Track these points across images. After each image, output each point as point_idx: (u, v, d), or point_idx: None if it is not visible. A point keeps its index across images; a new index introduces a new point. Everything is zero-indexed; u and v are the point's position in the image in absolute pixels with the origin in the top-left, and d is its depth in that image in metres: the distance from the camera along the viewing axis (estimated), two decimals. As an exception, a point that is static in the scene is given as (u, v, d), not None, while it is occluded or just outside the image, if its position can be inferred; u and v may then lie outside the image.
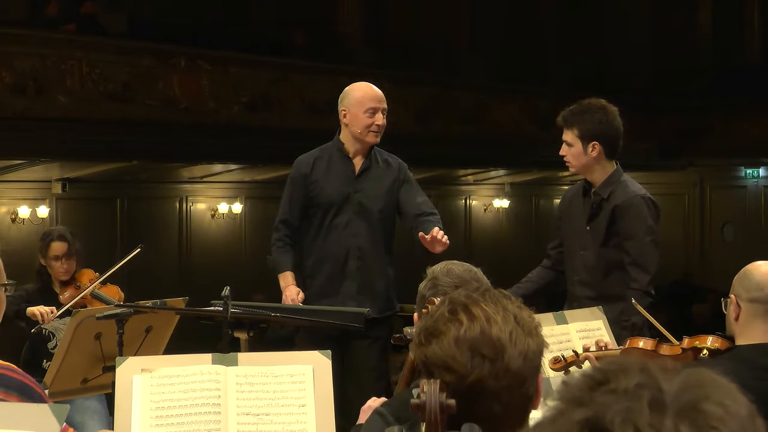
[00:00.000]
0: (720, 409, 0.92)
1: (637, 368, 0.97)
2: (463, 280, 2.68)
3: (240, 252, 11.64)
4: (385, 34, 13.68)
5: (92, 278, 5.55)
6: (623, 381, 0.94)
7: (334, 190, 4.76)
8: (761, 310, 3.10)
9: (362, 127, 4.70)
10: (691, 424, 0.91)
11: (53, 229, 5.83)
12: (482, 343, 1.73)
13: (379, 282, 4.79)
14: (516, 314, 1.79)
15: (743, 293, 3.13)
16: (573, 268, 4.51)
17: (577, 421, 0.92)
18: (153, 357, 3.42)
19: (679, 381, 0.95)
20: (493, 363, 1.71)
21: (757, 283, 3.12)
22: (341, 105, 4.79)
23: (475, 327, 1.74)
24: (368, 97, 4.74)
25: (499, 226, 14.92)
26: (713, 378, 0.96)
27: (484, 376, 1.71)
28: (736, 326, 3.15)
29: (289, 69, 11.38)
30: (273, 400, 2.79)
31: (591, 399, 0.93)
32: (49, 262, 5.52)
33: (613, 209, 4.38)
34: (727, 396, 0.94)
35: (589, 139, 4.39)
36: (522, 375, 1.73)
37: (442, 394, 1.73)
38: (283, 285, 4.79)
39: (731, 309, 3.14)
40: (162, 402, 2.76)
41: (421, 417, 1.75)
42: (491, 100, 13.80)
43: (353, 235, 4.73)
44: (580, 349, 3.44)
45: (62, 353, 4.39)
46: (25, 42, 9.15)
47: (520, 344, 1.74)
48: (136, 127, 9.62)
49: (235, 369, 2.83)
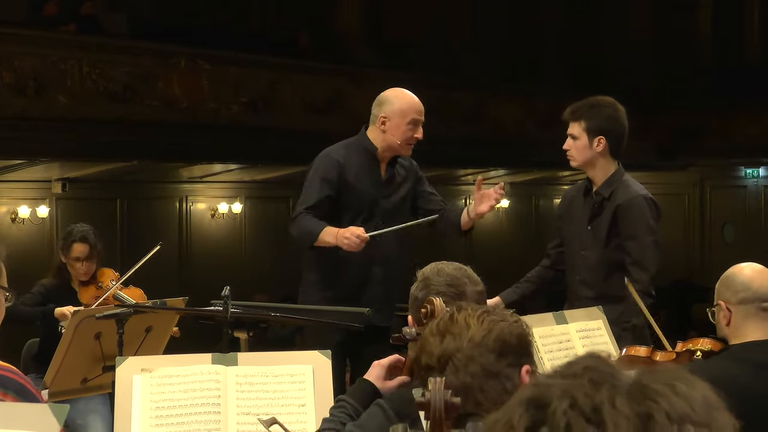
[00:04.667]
0: (665, 388, 0.92)
1: (590, 356, 0.99)
2: (454, 278, 2.69)
3: (240, 252, 11.64)
4: (385, 34, 13.68)
5: (113, 278, 5.50)
6: (572, 367, 0.96)
7: (365, 193, 4.54)
8: (752, 310, 3.13)
9: (402, 139, 4.52)
10: (628, 396, 0.91)
11: (75, 229, 5.58)
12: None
13: (399, 289, 4.69)
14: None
15: (731, 297, 3.17)
16: (573, 268, 4.50)
17: (521, 400, 0.95)
18: (153, 357, 3.42)
19: (635, 370, 0.96)
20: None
21: (743, 284, 3.16)
22: (380, 110, 4.55)
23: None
24: (414, 109, 4.55)
25: (499, 226, 14.92)
26: (674, 368, 0.96)
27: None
28: (728, 330, 3.18)
29: (289, 69, 11.37)
30: (273, 400, 2.79)
31: (539, 382, 0.96)
32: (70, 262, 5.45)
33: (615, 209, 4.37)
34: (679, 380, 0.94)
35: (596, 133, 4.38)
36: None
37: (446, 392, 1.74)
38: (333, 236, 4.34)
39: (721, 316, 3.18)
40: (162, 402, 2.76)
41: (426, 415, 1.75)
42: (491, 100, 13.79)
43: (379, 242, 4.49)
44: (581, 349, 3.44)
45: (62, 353, 4.39)
46: (25, 42, 9.15)
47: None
48: (136, 127, 9.62)
49: (235, 369, 2.83)
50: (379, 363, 2.67)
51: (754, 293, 3.14)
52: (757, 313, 3.14)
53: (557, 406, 0.91)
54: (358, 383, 2.68)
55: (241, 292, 4.41)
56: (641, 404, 0.90)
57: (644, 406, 0.90)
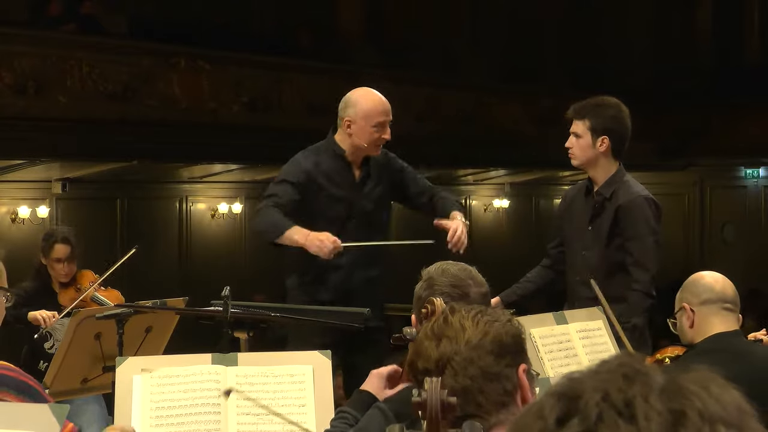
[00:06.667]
0: (699, 388, 0.92)
1: (624, 355, 0.99)
2: (458, 279, 2.68)
3: (240, 252, 11.64)
4: (385, 34, 13.68)
5: (92, 280, 5.51)
6: (606, 364, 0.97)
7: (339, 196, 4.49)
8: (715, 309, 3.39)
9: (368, 141, 4.44)
10: (662, 392, 0.91)
11: (57, 230, 5.69)
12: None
13: (381, 289, 4.67)
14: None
15: (694, 299, 3.42)
16: (574, 268, 4.50)
17: (552, 392, 0.95)
18: (153, 357, 3.42)
19: (668, 367, 0.96)
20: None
21: (705, 287, 3.43)
22: (345, 113, 4.49)
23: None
24: (378, 111, 4.46)
25: (499, 226, 14.91)
26: (707, 370, 0.97)
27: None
28: (691, 332, 3.40)
29: (289, 69, 11.37)
30: (273, 400, 2.79)
31: (572, 377, 0.96)
32: (51, 263, 5.48)
33: (616, 210, 4.37)
34: (714, 382, 0.94)
35: (599, 132, 4.38)
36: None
37: (443, 391, 1.74)
38: (303, 235, 4.24)
39: (684, 318, 3.39)
40: (162, 402, 2.76)
41: (422, 415, 1.75)
42: (491, 100, 13.79)
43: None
44: (581, 349, 3.44)
45: (62, 353, 4.39)
46: (25, 42, 9.15)
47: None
48: (136, 127, 9.62)
49: (235, 369, 2.83)
50: (378, 373, 2.66)
51: (717, 294, 3.39)
52: (719, 311, 3.38)
53: (589, 398, 0.92)
54: (357, 394, 2.66)
55: (241, 292, 4.41)
56: (674, 401, 0.91)
57: (677, 403, 0.91)
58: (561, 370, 3.43)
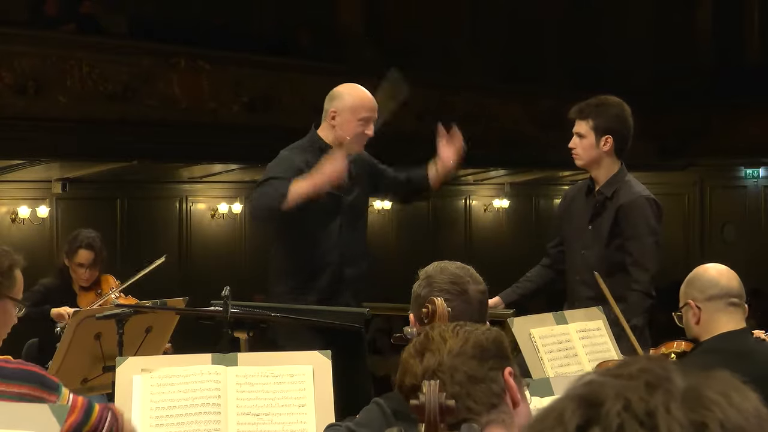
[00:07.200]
0: (720, 397, 0.92)
1: (646, 358, 0.99)
2: (457, 276, 2.69)
3: (240, 252, 11.64)
4: (386, 34, 13.68)
5: (113, 285, 5.48)
6: (627, 367, 0.96)
7: (330, 194, 4.41)
8: (721, 305, 3.31)
9: (352, 135, 4.41)
10: (683, 402, 0.91)
11: (82, 234, 5.52)
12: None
13: (366, 284, 4.64)
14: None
15: (699, 295, 3.33)
16: (574, 268, 4.50)
17: (573, 396, 0.95)
18: (153, 357, 3.42)
19: (689, 371, 0.96)
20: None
21: (711, 281, 3.33)
22: (331, 105, 4.48)
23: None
24: (364, 106, 4.44)
25: (499, 226, 14.92)
26: (726, 375, 0.97)
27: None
28: (697, 329, 3.32)
29: (289, 69, 11.38)
30: (273, 400, 2.79)
31: (592, 380, 0.96)
32: (73, 266, 5.43)
33: (617, 210, 4.37)
34: (734, 389, 0.94)
35: (603, 132, 4.38)
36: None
37: (441, 394, 1.75)
38: (309, 177, 4.23)
39: (690, 315, 3.31)
40: (162, 402, 2.76)
41: (420, 418, 1.76)
42: (491, 100, 13.79)
43: (347, 242, 4.45)
44: (581, 349, 3.44)
45: (62, 353, 4.39)
46: (25, 42, 9.15)
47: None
48: (136, 127, 9.62)
49: (235, 369, 2.83)
50: None
51: (722, 289, 3.30)
52: (725, 307, 3.29)
53: (611, 406, 0.91)
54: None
55: (241, 292, 4.40)
56: (696, 412, 0.91)
57: (699, 414, 0.91)
58: (561, 370, 3.43)
